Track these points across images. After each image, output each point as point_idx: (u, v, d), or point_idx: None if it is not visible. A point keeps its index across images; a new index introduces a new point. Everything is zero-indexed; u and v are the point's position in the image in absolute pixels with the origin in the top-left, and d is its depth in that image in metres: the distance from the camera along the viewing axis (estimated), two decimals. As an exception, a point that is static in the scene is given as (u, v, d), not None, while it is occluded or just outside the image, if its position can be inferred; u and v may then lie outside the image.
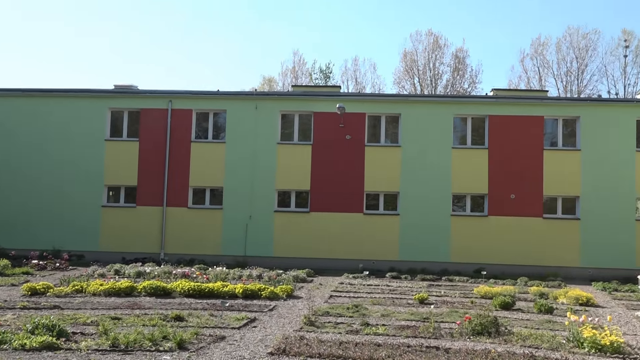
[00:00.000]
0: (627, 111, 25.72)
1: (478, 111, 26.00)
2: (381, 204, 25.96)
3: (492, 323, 11.17)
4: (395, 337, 10.90)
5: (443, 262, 24.80)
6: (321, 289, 17.97)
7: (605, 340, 9.87)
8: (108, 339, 9.74)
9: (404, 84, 54.92)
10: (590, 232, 24.96)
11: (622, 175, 25.09)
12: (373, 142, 26.18)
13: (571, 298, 16.10)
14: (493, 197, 25.39)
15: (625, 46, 54.24)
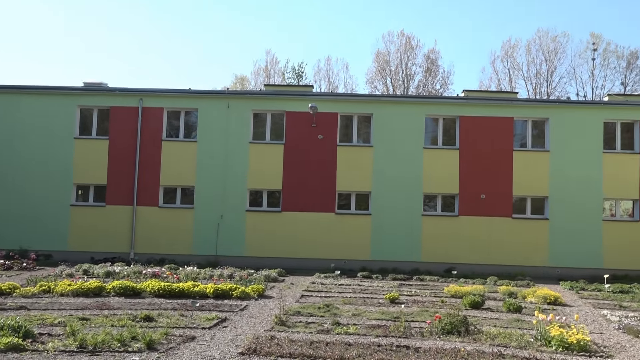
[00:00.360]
0: (594, 113, 26.14)
1: (449, 112, 26.21)
2: (353, 203, 26.02)
3: (461, 322, 11.26)
4: (366, 336, 10.93)
5: (414, 262, 24.96)
6: (293, 289, 17.95)
7: (572, 338, 10.02)
8: (76, 340, 9.59)
9: (377, 84, 55.23)
10: (559, 232, 25.32)
11: (590, 176, 25.50)
12: (345, 142, 26.22)
13: (539, 297, 16.31)
14: (464, 197, 25.62)
15: (594, 49, 55.21)
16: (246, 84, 57.66)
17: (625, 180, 25.55)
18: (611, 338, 11.58)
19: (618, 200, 26.09)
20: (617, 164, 25.63)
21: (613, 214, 26.26)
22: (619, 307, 15.97)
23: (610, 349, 10.50)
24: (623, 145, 26.05)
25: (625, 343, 11.10)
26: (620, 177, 25.52)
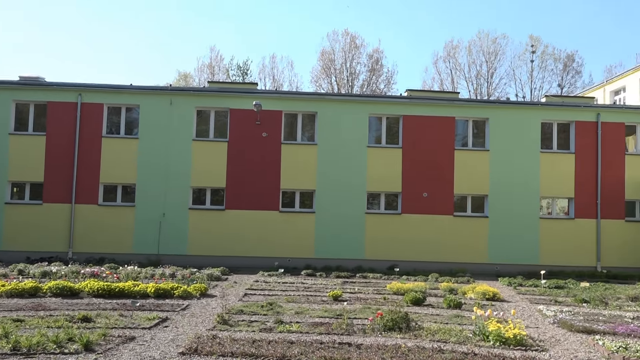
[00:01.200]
0: (532, 114, 26.86)
1: (393, 111, 26.49)
2: (297, 201, 26.02)
3: (403, 319, 11.39)
4: (309, 334, 10.93)
5: (358, 259, 25.14)
6: (236, 287, 17.82)
7: (509, 333, 10.26)
8: (9, 342, 9.27)
9: (321, 82, 55.38)
10: (498, 230, 25.94)
11: (528, 175, 26.22)
12: (290, 140, 26.20)
13: (479, 293, 16.65)
14: (406, 196, 25.94)
15: (532, 51, 56.75)
16: (190, 81, 56.95)
17: (561, 179, 26.37)
18: (546, 332, 11.92)
19: (554, 199, 26.90)
20: (553, 163, 26.43)
21: (550, 212, 27.05)
22: (555, 302, 16.45)
23: (546, 343, 10.80)
24: (559, 145, 26.87)
25: (559, 337, 11.44)
26: (556, 176, 26.33)
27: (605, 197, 26.38)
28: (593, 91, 41.61)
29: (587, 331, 11.80)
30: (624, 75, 39.16)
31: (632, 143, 27.60)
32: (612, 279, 23.58)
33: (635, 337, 11.32)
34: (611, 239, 26.21)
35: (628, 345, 10.31)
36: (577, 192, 26.43)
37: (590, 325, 12.29)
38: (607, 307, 15.41)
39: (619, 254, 26.12)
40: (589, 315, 14.00)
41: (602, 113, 26.87)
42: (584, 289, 19.15)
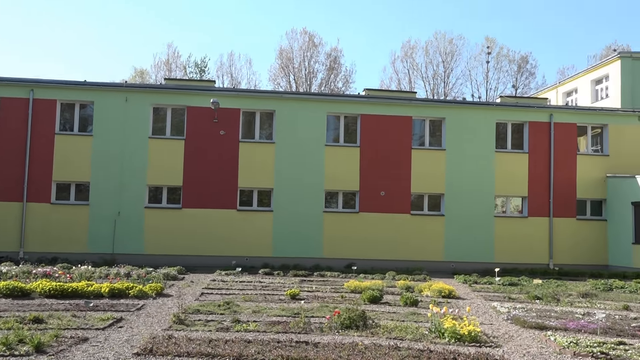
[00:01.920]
0: (488, 114, 27.31)
1: (351, 110, 26.59)
2: (255, 200, 25.92)
3: (360, 317, 11.45)
4: (266, 333, 10.90)
5: (316, 258, 25.18)
6: (192, 287, 17.64)
7: (463, 330, 10.41)
8: (-44, 344, 9.00)
9: (280, 81, 55.30)
10: (454, 228, 26.30)
11: (483, 174, 26.65)
12: (248, 138, 26.07)
13: (435, 291, 16.84)
14: (364, 194, 26.08)
15: (488, 52, 57.72)
16: (146, 78, 56.17)
17: (515, 178, 26.88)
18: (500, 328, 12.13)
19: (509, 198, 27.41)
20: (508, 163, 26.92)
21: (504, 210, 27.55)
22: (508, 299, 16.75)
23: (499, 339, 10.99)
24: (513, 145, 27.38)
25: (512, 333, 11.65)
26: (510, 176, 26.83)
27: (557, 196, 26.99)
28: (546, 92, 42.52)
29: (539, 327, 12.04)
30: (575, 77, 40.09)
31: (583, 143, 28.29)
32: (564, 276, 24.13)
33: (586, 332, 11.60)
34: (563, 237, 26.84)
35: (578, 341, 10.56)
36: (530, 191, 26.98)
37: (542, 321, 12.55)
38: (559, 304, 15.77)
39: (570, 251, 26.76)
40: (541, 311, 14.29)
41: (554, 114, 27.49)
42: (536, 286, 19.55)
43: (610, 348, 10.10)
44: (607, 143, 27.71)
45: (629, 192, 26.03)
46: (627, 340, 10.88)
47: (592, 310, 14.43)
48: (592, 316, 13.37)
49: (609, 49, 53.87)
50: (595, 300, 16.74)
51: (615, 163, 27.44)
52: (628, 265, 25.43)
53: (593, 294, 17.67)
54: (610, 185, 27.23)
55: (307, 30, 55.93)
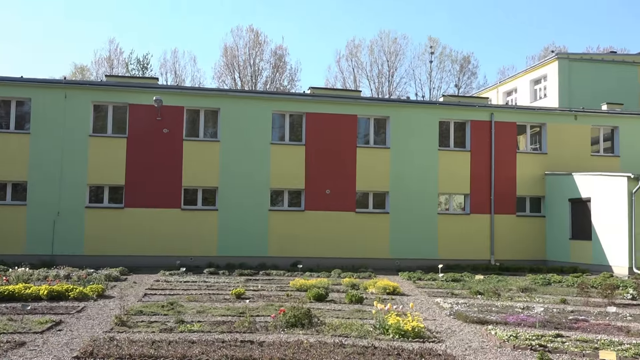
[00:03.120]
0: (431, 112, 27.73)
1: (296, 108, 26.59)
2: (199, 199, 25.63)
3: (305, 315, 11.44)
4: (211, 333, 10.78)
5: (261, 257, 25.07)
6: (135, 288, 17.31)
7: (407, 326, 10.53)
8: None
9: (225, 78, 54.93)
10: (398, 226, 26.60)
11: (427, 172, 27.05)
12: (192, 137, 25.76)
13: (379, 288, 16.98)
14: (310, 192, 26.12)
15: (431, 52, 58.66)
16: (87, 74, 54.85)
17: (458, 176, 27.39)
18: (443, 324, 12.32)
19: (451, 195, 27.90)
20: (450, 161, 27.40)
21: (447, 208, 28.03)
22: (451, 294, 17.04)
23: (442, 334, 11.16)
24: (456, 144, 27.88)
25: (455, 328, 11.85)
26: (453, 174, 27.31)
27: (498, 193, 27.63)
28: (487, 92, 43.51)
29: (480, 322, 12.28)
30: (515, 77, 41.16)
31: (522, 142, 29.03)
32: (505, 271, 24.70)
33: (525, 326, 11.89)
34: (504, 233, 27.50)
35: (518, 334, 10.83)
36: (472, 188, 27.53)
37: (483, 316, 12.81)
38: (500, 298, 16.12)
39: (510, 247, 27.43)
40: (483, 306, 14.59)
41: (495, 113, 28.12)
42: (478, 282, 19.95)
43: (549, 340, 10.39)
44: (546, 141, 28.50)
45: (566, 189, 26.86)
46: (564, 333, 11.21)
47: (531, 304, 14.81)
48: (531, 310, 13.71)
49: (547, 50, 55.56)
50: (534, 294, 17.19)
51: (553, 161, 28.25)
52: (565, 260, 26.23)
53: (532, 289, 18.14)
54: (548, 182, 28.04)
55: (252, 28, 55.76)
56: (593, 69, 36.07)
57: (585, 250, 25.48)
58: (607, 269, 23.79)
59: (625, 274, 22.72)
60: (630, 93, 35.56)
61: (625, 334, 11.33)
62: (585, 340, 10.50)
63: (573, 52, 38.87)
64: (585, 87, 35.06)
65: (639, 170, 26.52)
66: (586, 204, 25.78)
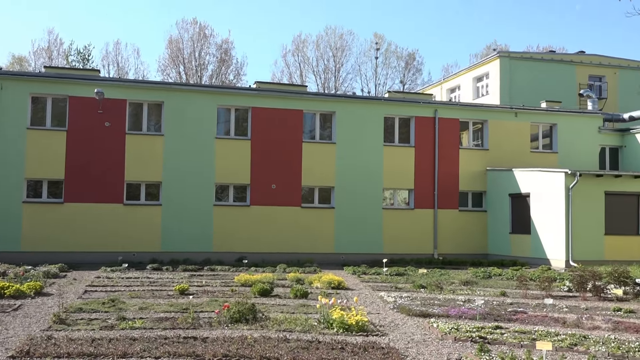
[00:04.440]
0: (376, 108, 27.95)
1: (242, 103, 26.39)
2: (143, 194, 25.18)
3: (249, 310, 11.40)
4: (153, 329, 10.62)
5: (206, 252, 24.80)
6: (75, 285, 16.91)
7: (351, 320, 10.61)
8: None
9: (169, 71, 54.12)
10: (344, 220, 26.74)
11: (372, 167, 27.26)
12: (135, 130, 25.26)
13: (324, 282, 17.06)
14: (255, 187, 25.99)
15: (377, 48, 59.11)
16: (25, 65, 53.16)
17: (403, 171, 27.70)
18: (387, 317, 12.46)
19: (396, 190, 28.21)
20: (395, 156, 27.69)
21: (392, 203, 28.33)
22: (395, 288, 17.25)
23: (386, 328, 11.29)
24: (401, 139, 28.19)
25: (398, 321, 12.01)
26: (398, 169, 27.61)
27: (441, 188, 28.07)
28: (432, 88, 44.19)
29: (423, 315, 12.48)
30: (458, 75, 41.92)
31: (465, 138, 29.58)
32: (447, 265, 25.13)
33: (466, 318, 12.14)
34: (446, 227, 27.98)
35: (459, 326, 11.05)
36: (416, 183, 27.89)
37: (426, 309, 13.02)
38: (442, 292, 16.42)
39: (453, 241, 27.93)
40: (425, 299, 14.83)
41: (439, 109, 28.54)
42: (422, 275, 20.26)
43: (488, 332, 10.64)
44: (487, 138, 29.10)
45: (507, 185, 27.51)
46: (503, 325, 11.50)
47: (472, 297, 15.13)
48: (472, 303, 14.00)
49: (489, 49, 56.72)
50: (475, 287, 17.57)
51: (494, 157, 28.87)
52: (506, 254, 26.89)
53: (473, 282, 18.54)
54: (490, 177, 28.66)
55: (197, 21, 55.01)
56: (533, 68, 37.04)
57: (524, 244, 26.17)
58: (545, 262, 24.49)
59: (563, 266, 23.44)
60: (568, 91, 36.64)
61: (561, 325, 11.70)
62: (523, 332, 10.80)
63: (514, 51, 39.85)
64: (525, 85, 35.97)
65: (576, 166, 27.38)
66: (525, 199, 26.47)
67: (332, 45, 58.19)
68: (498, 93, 36.05)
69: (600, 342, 9.95)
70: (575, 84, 37.35)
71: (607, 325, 11.58)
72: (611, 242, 24.51)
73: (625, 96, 36.40)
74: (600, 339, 10.27)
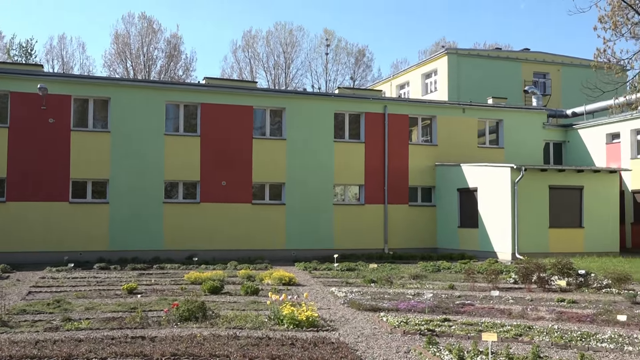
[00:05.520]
0: (327, 104, 28.04)
1: (191, 99, 26.12)
2: (89, 191, 24.67)
3: (199, 308, 11.28)
4: (100, 330, 10.41)
5: (156, 250, 24.46)
6: (19, 286, 16.43)
7: (301, 316, 10.62)
8: None
9: (116, 67, 53.09)
10: (295, 217, 26.75)
11: (323, 163, 27.34)
12: (81, 127, 24.72)
13: (275, 279, 17.02)
14: (205, 184, 25.76)
15: (327, 45, 59.27)
16: (-36, 60, 51.36)
17: (353, 167, 27.87)
18: (337, 312, 12.52)
19: (347, 186, 28.36)
20: (346, 152, 27.84)
21: (343, 198, 28.47)
22: (346, 283, 17.33)
23: (336, 323, 11.34)
24: (351, 135, 28.35)
25: (349, 316, 12.07)
26: (348, 165, 27.76)
27: (391, 183, 28.35)
28: (381, 85, 44.55)
29: (373, 309, 12.57)
30: (408, 71, 42.37)
31: (415, 134, 29.94)
32: (398, 259, 25.36)
33: (415, 311, 12.29)
34: (397, 222, 28.28)
35: (408, 320, 11.18)
36: (367, 179, 28.10)
37: (376, 303, 13.12)
38: (392, 286, 16.57)
39: (403, 236, 28.25)
40: (376, 294, 14.94)
41: (388, 105, 28.81)
42: (372, 270, 20.40)
43: (436, 325, 10.79)
44: (436, 133, 29.52)
45: (455, 179, 27.97)
46: (451, 317, 11.68)
47: (421, 291, 15.31)
48: (421, 296, 14.17)
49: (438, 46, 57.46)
50: (424, 281, 17.80)
51: (443, 152, 29.32)
52: (454, 248, 27.35)
53: (423, 276, 18.77)
54: (438, 173, 29.09)
55: (145, 15, 54.10)
56: (480, 65, 37.69)
57: (472, 237, 26.67)
58: (492, 255, 25.00)
59: (509, 259, 23.98)
60: (514, 88, 37.45)
61: (507, 316, 11.95)
62: (470, 324, 10.99)
63: (462, 48, 40.46)
64: (472, 81, 36.57)
65: (521, 161, 28.04)
66: (473, 193, 26.96)
67: (282, 41, 58.10)
68: (446, 89, 36.59)
69: (544, 332, 10.21)
70: (520, 80, 38.19)
71: (551, 315, 11.89)
72: (555, 235, 25.20)
73: (568, 93, 37.36)
74: (544, 329, 10.54)
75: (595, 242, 25.46)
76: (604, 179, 26.25)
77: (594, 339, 9.69)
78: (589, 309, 12.69)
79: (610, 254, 24.66)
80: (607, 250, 25.15)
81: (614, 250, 25.53)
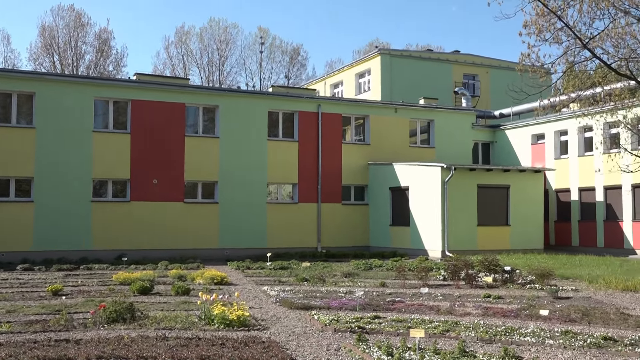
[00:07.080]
0: (261, 102, 27.93)
1: (121, 95, 25.51)
2: (12, 190, 23.76)
3: (127, 309, 11.03)
4: (22, 333, 10.03)
5: (83, 250, 23.78)
6: None
7: (233, 315, 10.54)
8: None
9: (42, 61, 51.22)
10: (228, 215, 26.53)
11: (256, 161, 27.21)
12: (3, 123, 23.78)
13: (207, 278, 16.83)
14: (136, 182, 25.22)
15: (261, 42, 59.02)
16: None
17: (287, 166, 27.86)
18: (269, 311, 12.49)
19: (280, 185, 28.34)
20: (279, 151, 27.80)
21: (277, 197, 28.41)
22: (279, 282, 17.32)
23: (268, 322, 11.31)
24: (285, 134, 28.33)
25: (280, 315, 12.06)
26: (282, 163, 27.73)
27: (325, 182, 28.49)
28: (316, 84, 44.68)
29: (305, 308, 12.60)
30: (342, 71, 42.69)
31: (348, 133, 30.18)
32: (331, 257, 25.51)
33: (347, 309, 12.39)
34: (330, 221, 28.44)
35: (339, 318, 11.27)
36: (300, 178, 28.15)
37: (308, 302, 13.16)
38: (325, 284, 16.66)
39: (336, 234, 28.44)
40: (308, 292, 14.99)
41: (322, 104, 28.94)
42: (305, 269, 20.45)
43: (367, 322, 10.92)
44: (369, 133, 29.83)
45: (388, 178, 28.36)
46: (382, 314, 11.84)
47: (353, 289, 15.43)
48: (353, 294, 14.27)
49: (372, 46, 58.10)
50: (357, 279, 17.97)
51: (375, 151, 29.65)
52: (386, 246, 27.71)
53: (355, 274, 18.95)
54: (371, 172, 29.42)
55: (74, 8, 52.41)
56: (412, 65, 38.28)
57: (404, 235, 27.10)
58: (423, 252, 25.46)
59: (439, 257, 24.48)
60: (444, 89, 38.17)
61: (435, 312, 12.21)
62: (400, 320, 11.17)
63: (394, 49, 41.05)
64: (405, 81, 37.10)
65: (451, 160, 28.67)
66: (405, 192, 27.40)
67: (217, 38, 57.49)
68: (379, 89, 37.02)
69: (470, 328, 10.48)
70: (451, 81, 38.99)
71: (478, 311, 12.21)
72: (483, 233, 25.90)
73: (496, 94, 38.36)
74: (470, 324, 10.81)
75: (520, 239, 26.29)
76: (529, 178, 27.16)
77: (517, 333, 10.03)
78: (514, 305, 13.11)
79: (535, 251, 25.54)
80: (532, 247, 26.02)
81: (538, 247, 26.45)
